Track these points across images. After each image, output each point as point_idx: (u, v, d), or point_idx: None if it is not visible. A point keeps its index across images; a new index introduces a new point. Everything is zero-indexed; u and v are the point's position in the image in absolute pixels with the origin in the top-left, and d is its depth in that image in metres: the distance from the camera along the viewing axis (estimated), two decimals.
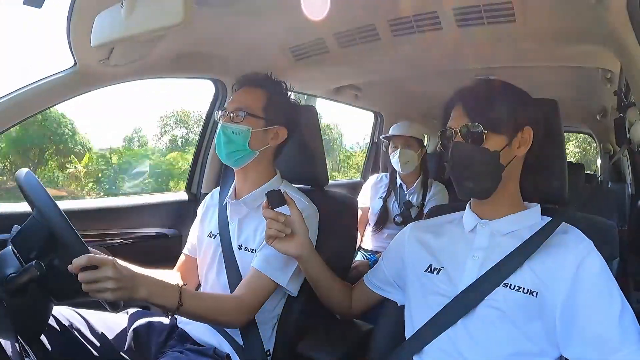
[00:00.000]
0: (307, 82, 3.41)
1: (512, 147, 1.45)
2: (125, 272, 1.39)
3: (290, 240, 1.66)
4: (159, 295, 1.49)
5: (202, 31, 2.26)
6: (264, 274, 1.75)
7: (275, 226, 1.62)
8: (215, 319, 1.70)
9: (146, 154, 20.93)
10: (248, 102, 1.89)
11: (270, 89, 1.93)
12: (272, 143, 1.92)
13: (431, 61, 2.95)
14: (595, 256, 1.35)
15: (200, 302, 1.63)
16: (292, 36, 2.58)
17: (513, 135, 1.45)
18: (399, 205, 3.61)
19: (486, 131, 1.42)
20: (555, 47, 2.44)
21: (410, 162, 3.54)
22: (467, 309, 1.42)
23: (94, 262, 1.33)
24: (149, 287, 1.46)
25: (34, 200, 1.46)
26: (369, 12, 2.31)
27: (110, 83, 2.26)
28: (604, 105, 4.00)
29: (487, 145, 1.42)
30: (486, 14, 2.11)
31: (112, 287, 1.33)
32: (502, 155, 1.42)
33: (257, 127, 1.86)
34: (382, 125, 4.89)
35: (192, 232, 2.19)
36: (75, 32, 1.87)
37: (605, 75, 2.80)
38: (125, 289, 1.37)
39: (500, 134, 1.43)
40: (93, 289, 1.32)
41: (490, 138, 1.42)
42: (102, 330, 1.80)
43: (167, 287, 1.53)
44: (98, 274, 1.32)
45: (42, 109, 2.11)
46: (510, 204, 1.51)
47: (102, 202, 2.62)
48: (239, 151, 1.86)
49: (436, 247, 1.61)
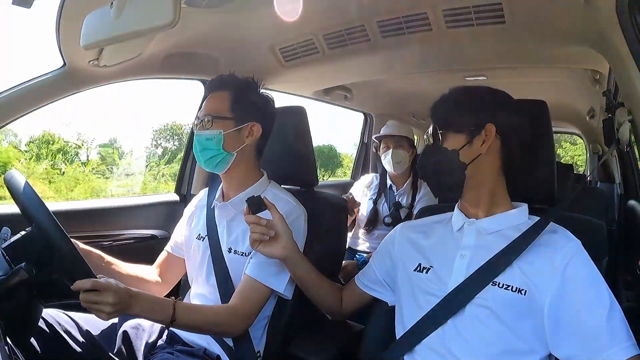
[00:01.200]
0: (296, 83, 3.41)
1: (474, 145, 1.48)
2: (122, 292, 1.43)
3: (274, 243, 1.67)
4: (151, 311, 1.54)
5: (192, 32, 2.26)
6: (258, 280, 1.76)
7: (258, 230, 1.63)
8: (211, 330, 1.74)
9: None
10: (214, 106, 1.89)
11: (235, 89, 1.92)
12: (249, 140, 1.91)
13: (421, 62, 2.95)
14: (583, 255, 1.36)
15: (193, 315, 1.65)
16: (282, 37, 2.58)
17: (474, 133, 1.48)
18: (388, 206, 3.62)
19: (441, 131, 1.52)
20: (545, 49, 2.46)
21: (401, 162, 3.54)
22: (456, 308, 1.43)
23: (97, 287, 1.38)
24: (143, 304, 1.51)
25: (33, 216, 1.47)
26: (358, 13, 2.31)
27: (99, 84, 2.26)
28: (593, 106, 4.03)
29: (445, 144, 1.51)
30: (475, 15, 2.12)
31: (109, 311, 1.40)
32: (463, 153, 1.48)
33: (228, 128, 1.86)
34: (372, 126, 4.90)
35: (177, 230, 2.19)
36: (64, 33, 1.86)
37: (594, 76, 2.82)
38: (121, 310, 1.44)
39: (459, 133, 1.50)
40: (92, 308, 1.39)
41: (448, 137, 1.51)
42: (91, 331, 1.80)
43: (160, 303, 1.57)
44: (99, 298, 1.38)
45: (31, 109, 2.10)
46: (495, 203, 1.53)
47: (90, 204, 2.61)
48: (215, 156, 1.86)
49: (425, 247, 1.62)
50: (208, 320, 1.68)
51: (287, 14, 2.05)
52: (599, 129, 3.74)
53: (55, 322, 1.72)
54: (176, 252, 2.14)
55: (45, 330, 1.68)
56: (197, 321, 1.65)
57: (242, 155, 1.91)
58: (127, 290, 1.46)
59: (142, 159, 22.43)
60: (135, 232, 2.63)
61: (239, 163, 1.91)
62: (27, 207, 1.49)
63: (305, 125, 2.18)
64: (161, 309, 1.55)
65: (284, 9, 2.00)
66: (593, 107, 4.04)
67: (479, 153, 1.48)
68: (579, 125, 5.52)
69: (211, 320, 1.69)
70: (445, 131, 1.51)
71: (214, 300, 1.86)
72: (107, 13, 1.37)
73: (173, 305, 1.56)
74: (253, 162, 1.98)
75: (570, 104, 4.37)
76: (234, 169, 1.92)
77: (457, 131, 1.49)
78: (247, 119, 1.89)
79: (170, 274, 2.14)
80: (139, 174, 14.55)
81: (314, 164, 2.21)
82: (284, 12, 2.03)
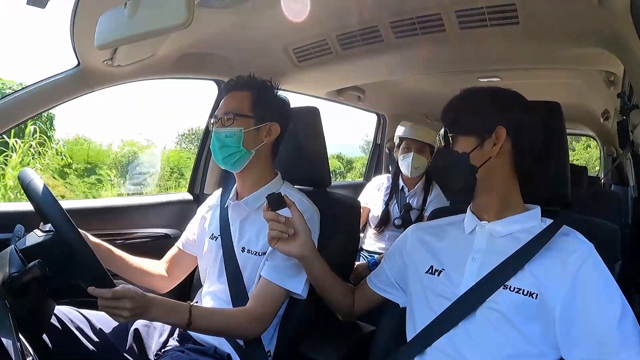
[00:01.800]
0: (309, 84, 3.41)
1: (485, 148, 1.47)
2: (139, 297, 1.47)
3: (292, 242, 1.66)
4: (168, 316, 1.58)
5: (205, 32, 2.27)
6: (274, 282, 1.76)
7: (277, 227, 1.62)
8: (227, 333, 1.77)
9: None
10: (235, 104, 1.90)
11: (255, 89, 1.94)
12: (267, 140, 1.92)
13: (434, 63, 2.95)
14: (595, 259, 1.35)
15: (210, 319, 1.68)
16: (295, 37, 2.58)
17: (485, 136, 1.47)
18: (399, 207, 3.61)
19: (452, 134, 1.52)
20: (559, 50, 2.44)
21: (420, 168, 3.52)
22: (468, 311, 1.42)
23: (116, 296, 1.42)
24: (160, 309, 1.55)
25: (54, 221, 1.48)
26: (371, 14, 2.31)
27: (113, 83, 2.27)
28: (607, 108, 4.00)
29: (456, 147, 1.50)
30: (489, 15, 2.11)
31: (127, 315, 1.44)
32: (473, 156, 1.47)
33: (248, 126, 1.87)
34: (385, 127, 4.89)
35: (189, 228, 2.20)
36: (78, 33, 1.87)
37: (608, 78, 2.80)
38: (138, 315, 1.50)
39: (469, 136, 1.49)
40: (109, 312, 1.44)
41: (459, 140, 1.50)
42: (103, 328, 1.81)
43: (176, 307, 1.60)
44: (117, 304, 1.42)
45: (45, 108, 2.13)
46: (507, 206, 1.52)
47: (104, 202, 2.63)
48: (234, 154, 1.87)
49: (437, 249, 1.61)
50: (224, 324, 1.70)
51: (295, 15, 2.05)
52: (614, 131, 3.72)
53: (68, 319, 1.73)
54: (187, 249, 2.16)
55: (57, 326, 1.69)
56: (213, 325, 1.68)
57: (259, 155, 1.92)
58: (145, 296, 1.49)
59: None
60: (148, 230, 2.64)
61: (256, 162, 1.93)
62: (43, 208, 1.50)
63: (319, 126, 2.18)
64: (178, 314, 1.58)
65: (292, 9, 2.01)
66: (607, 109, 4.01)
67: (489, 156, 1.47)
68: (593, 127, 5.47)
69: (227, 324, 1.70)
70: (455, 134, 1.51)
71: (225, 299, 1.87)
72: (121, 13, 1.38)
73: (189, 310, 1.58)
74: (268, 162, 2.00)
75: (584, 106, 4.33)
76: (250, 168, 1.93)
77: (467, 134, 1.49)
78: (266, 119, 1.91)
79: (177, 270, 2.15)
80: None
81: (327, 164, 2.21)
82: (292, 12, 2.03)
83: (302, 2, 1.97)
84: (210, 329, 1.68)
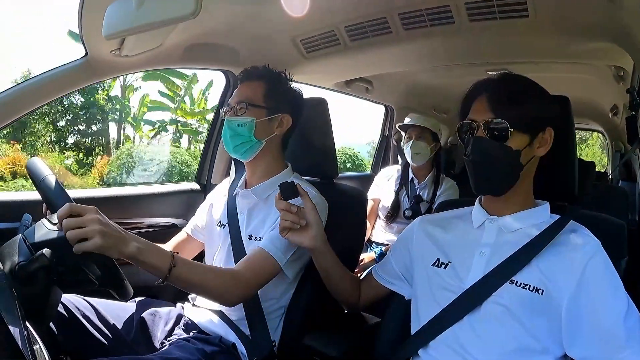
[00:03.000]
0: (317, 75, 3.40)
1: (533, 147, 1.44)
2: (110, 225, 1.37)
3: (304, 232, 1.67)
4: (150, 253, 1.45)
5: (213, 23, 2.27)
6: (266, 251, 1.74)
7: (289, 218, 1.63)
8: (209, 290, 1.64)
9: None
10: (249, 94, 1.91)
11: (269, 79, 1.95)
12: (278, 131, 1.94)
13: (442, 55, 2.94)
14: (601, 256, 1.35)
15: (193, 269, 1.58)
16: (303, 28, 2.58)
17: (535, 134, 1.43)
18: (409, 199, 3.61)
19: (512, 129, 1.40)
20: (568, 44, 2.43)
21: (421, 154, 3.53)
22: (473, 305, 1.42)
23: (76, 209, 1.33)
24: (140, 243, 1.43)
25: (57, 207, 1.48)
26: (380, 5, 2.30)
27: (121, 73, 2.28)
28: (616, 103, 3.98)
29: (510, 143, 1.41)
30: (499, 8, 2.11)
31: (99, 229, 1.31)
32: (523, 154, 1.42)
33: (260, 116, 1.89)
34: (393, 119, 4.87)
35: (198, 214, 2.22)
36: (86, 23, 1.87)
37: (617, 73, 2.78)
38: (113, 238, 1.35)
39: (524, 133, 1.42)
40: (79, 234, 1.30)
41: (515, 136, 1.41)
42: (109, 317, 1.82)
43: (159, 248, 1.50)
44: (82, 219, 1.31)
45: (54, 97, 2.13)
46: (521, 202, 1.51)
47: (111, 191, 2.63)
48: (245, 143, 1.88)
49: (444, 242, 1.61)
50: (206, 278, 1.61)
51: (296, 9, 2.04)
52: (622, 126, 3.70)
53: (74, 307, 1.75)
54: (195, 236, 2.18)
55: (64, 315, 1.71)
56: (196, 276, 1.58)
57: (270, 145, 1.94)
58: (117, 225, 1.40)
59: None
60: (156, 220, 2.65)
61: (266, 152, 1.94)
62: (51, 197, 1.50)
63: (327, 117, 2.18)
64: (161, 254, 1.47)
65: (293, 3, 2.00)
66: (616, 104, 4.00)
67: (533, 155, 1.45)
68: (601, 122, 5.45)
69: (210, 280, 1.61)
70: (516, 129, 1.40)
71: None
72: (129, 3, 1.38)
73: (172, 255, 1.49)
74: (279, 153, 2.01)
75: (593, 101, 4.32)
76: (260, 157, 1.94)
77: (525, 130, 1.42)
78: (279, 110, 1.93)
79: (183, 253, 2.13)
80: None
81: (334, 155, 2.22)
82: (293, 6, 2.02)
83: None
84: (191, 280, 1.56)
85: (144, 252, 1.43)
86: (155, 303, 1.98)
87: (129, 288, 1.46)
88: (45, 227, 1.49)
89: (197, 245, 2.19)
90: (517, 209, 1.50)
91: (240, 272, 1.70)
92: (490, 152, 1.42)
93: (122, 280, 1.45)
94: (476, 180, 1.49)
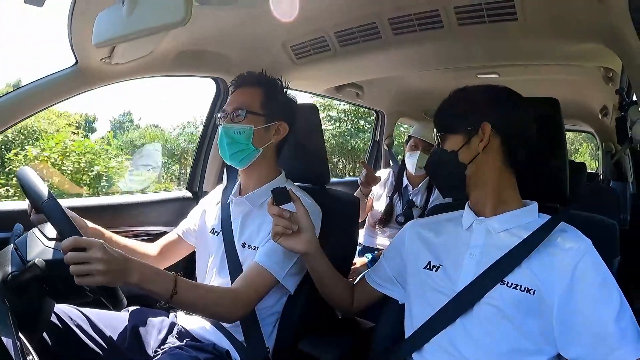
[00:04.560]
0: (308, 81, 3.40)
1: (472, 145, 1.50)
2: (116, 254, 1.37)
3: (296, 237, 1.66)
4: (152, 281, 1.46)
5: (203, 29, 2.27)
6: (263, 267, 1.74)
7: (281, 223, 1.63)
8: (211, 311, 1.68)
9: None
10: (246, 101, 1.91)
11: (266, 86, 1.96)
12: (275, 139, 1.94)
13: (432, 59, 2.94)
14: (593, 255, 1.36)
15: (195, 292, 1.61)
16: (293, 34, 2.58)
17: (471, 133, 1.50)
18: (402, 204, 3.60)
19: (440, 133, 1.58)
20: (557, 46, 2.45)
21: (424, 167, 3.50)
22: (465, 307, 1.43)
23: (81, 243, 1.32)
24: (142, 272, 1.44)
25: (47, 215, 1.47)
26: (370, 11, 2.31)
27: (111, 81, 2.27)
28: (606, 104, 4.00)
29: (445, 146, 1.55)
30: (487, 12, 2.12)
31: (103, 269, 1.31)
32: (462, 153, 1.50)
33: (258, 124, 1.88)
34: (384, 124, 4.89)
35: (191, 218, 2.22)
36: (76, 31, 1.87)
37: (607, 74, 2.80)
38: (117, 272, 1.36)
39: (456, 134, 1.53)
40: (82, 270, 1.30)
41: (448, 139, 1.55)
42: (103, 327, 1.81)
43: (161, 274, 1.51)
44: (87, 255, 1.30)
45: (43, 107, 2.12)
46: (502, 201, 1.52)
47: (103, 200, 2.62)
48: (242, 150, 1.88)
49: (435, 245, 1.62)
50: (208, 299, 1.63)
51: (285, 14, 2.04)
52: (612, 127, 3.72)
53: (67, 317, 1.73)
54: (186, 238, 2.17)
55: (57, 325, 1.69)
56: (198, 299, 1.60)
57: (265, 153, 1.94)
58: (121, 253, 1.40)
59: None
60: (147, 228, 2.64)
61: (262, 160, 1.94)
62: (59, 225, 1.48)
63: (317, 123, 2.19)
64: (162, 281, 1.49)
65: (282, 9, 2.00)
66: (606, 105, 4.02)
67: (477, 152, 1.49)
68: (591, 123, 5.47)
69: (211, 300, 1.64)
70: (443, 133, 1.56)
71: None
72: (118, 11, 1.37)
73: (174, 279, 1.50)
74: (273, 160, 2.01)
75: (582, 102, 4.34)
76: (255, 165, 1.94)
77: (454, 133, 1.53)
78: (276, 118, 1.93)
79: (169, 256, 2.17)
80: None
81: (326, 161, 2.22)
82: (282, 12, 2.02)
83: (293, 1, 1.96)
84: (193, 303, 1.59)
85: (146, 281, 1.45)
86: (148, 312, 1.97)
87: (123, 298, 1.45)
88: (41, 242, 1.49)
89: (186, 248, 2.19)
90: (502, 210, 1.52)
91: (239, 290, 1.71)
92: (432, 157, 1.63)
93: (116, 291, 1.43)
94: (435, 184, 1.74)
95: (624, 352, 1.24)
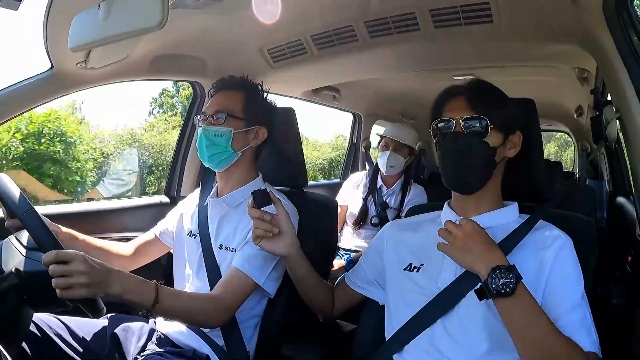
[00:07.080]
0: (285, 84, 3.41)
1: (505, 147, 1.48)
2: (97, 266, 1.37)
3: (277, 240, 1.65)
4: (133, 291, 1.46)
5: (180, 33, 2.26)
6: (243, 272, 1.74)
7: (262, 226, 1.61)
8: (193, 318, 1.69)
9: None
10: (227, 104, 1.90)
11: (247, 91, 1.96)
12: (254, 143, 1.94)
13: (409, 62, 2.96)
14: (570, 251, 1.38)
15: (176, 300, 1.61)
16: (270, 38, 2.58)
17: (507, 136, 1.47)
18: (375, 206, 3.62)
19: (492, 125, 1.43)
20: (532, 47, 2.48)
21: (395, 167, 3.54)
22: (446, 307, 1.43)
23: (63, 257, 1.31)
24: (124, 282, 1.44)
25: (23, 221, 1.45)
26: (346, 14, 2.32)
27: (88, 86, 2.25)
28: (581, 104, 4.05)
29: (488, 140, 1.44)
30: (463, 14, 2.14)
31: (85, 282, 1.31)
32: (497, 153, 1.45)
33: (238, 128, 1.88)
34: (361, 126, 4.91)
35: (169, 218, 2.21)
36: (51, 35, 1.85)
37: (582, 75, 2.83)
38: (99, 284, 1.36)
39: (500, 132, 1.45)
40: (65, 283, 1.30)
41: (493, 134, 1.44)
42: (82, 334, 1.79)
43: (143, 283, 1.50)
44: (69, 268, 1.30)
45: (18, 113, 2.09)
46: (490, 202, 1.53)
47: (81, 206, 2.60)
48: (221, 153, 1.87)
49: (415, 246, 1.61)
50: (189, 306, 1.64)
51: (267, 17, 2.03)
52: (588, 126, 3.77)
53: (46, 326, 1.72)
54: (162, 238, 2.16)
55: (36, 334, 1.68)
56: (179, 307, 1.61)
57: (244, 156, 1.94)
58: (103, 265, 1.40)
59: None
60: (125, 234, 2.61)
61: (240, 163, 1.94)
62: (38, 237, 1.47)
63: (295, 126, 2.18)
64: (144, 291, 1.49)
65: (264, 11, 2.00)
66: (581, 105, 4.07)
67: (505, 155, 1.49)
68: (567, 123, 5.54)
69: (193, 307, 1.65)
70: (494, 126, 1.44)
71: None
72: (95, 14, 1.36)
73: (156, 288, 1.50)
74: (252, 163, 2.01)
75: (558, 102, 4.39)
76: (233, 168, 1.94)
77: (500, 130, 1.46)
78: (256, 122, 1.93)
79: (145, 255, 2.16)
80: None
81: (303, 164, 2.22)
82: (265, 14, 2.02)
83: (274, 3, 1.96)
84: (175, 310, 1.60)
85: (128, 292, 1.44)
86: (127, 318, 1.95)
87: (101, 305, 1.43)
88: (18, 252, 1.47)
89: (162, 249, 2.18)
90: (486, 210, 1.52)
91: (220, 296, 1.71)
92: (468, 147, 1.45)
93: (96, 300, 1.42)
94: (451, 175, 1.51)
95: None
